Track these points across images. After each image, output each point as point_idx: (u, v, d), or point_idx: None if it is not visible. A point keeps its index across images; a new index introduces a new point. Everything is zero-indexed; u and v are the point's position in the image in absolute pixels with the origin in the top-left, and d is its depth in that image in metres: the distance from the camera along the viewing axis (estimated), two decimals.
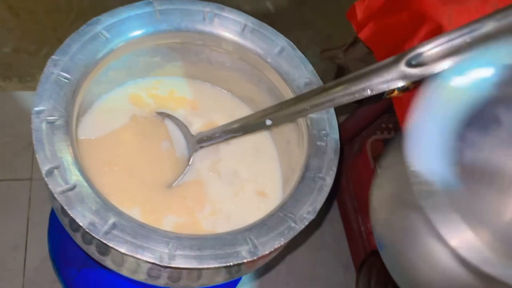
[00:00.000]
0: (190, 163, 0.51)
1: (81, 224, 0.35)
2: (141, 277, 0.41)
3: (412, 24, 0.56)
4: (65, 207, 0.35)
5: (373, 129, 1.01)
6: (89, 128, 0.50)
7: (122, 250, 0.34)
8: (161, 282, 0.41)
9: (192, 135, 0.52)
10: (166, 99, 0.56)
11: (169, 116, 0.54)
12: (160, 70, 0.56)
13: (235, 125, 0.47)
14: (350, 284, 0.91)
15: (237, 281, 0.65)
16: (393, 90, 0.74)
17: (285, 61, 0.48)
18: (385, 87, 0.36)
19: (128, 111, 0.53)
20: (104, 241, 0.34)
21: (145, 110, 0.54)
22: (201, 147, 0.52)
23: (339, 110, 0.48)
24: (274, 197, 0.51)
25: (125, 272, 0.40)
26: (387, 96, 0.72)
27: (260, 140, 0.57)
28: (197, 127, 0.55)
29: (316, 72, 0.49)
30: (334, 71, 1.10)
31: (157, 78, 0.56)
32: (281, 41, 0.49)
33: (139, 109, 0.54)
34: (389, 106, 0.84)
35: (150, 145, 0.52)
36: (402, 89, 0.72)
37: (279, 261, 0.88)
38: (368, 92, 0.37)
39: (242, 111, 0.57)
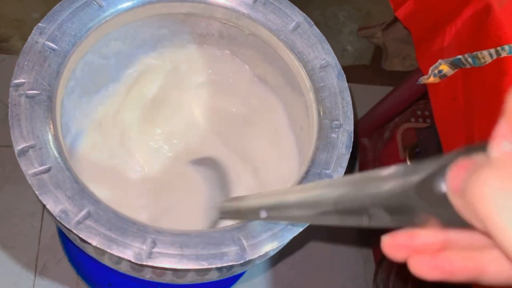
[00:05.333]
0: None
1: (51, 211, 0.31)
2: (124, 268, 0.38)
3: (455, 3, 0.49)
4: (36, 191, 0.32)
5: (407, 116, 0.94)
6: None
7: (94, 243, 0.31)
8: (145, 276, 0.38)
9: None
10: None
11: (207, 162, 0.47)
12: (169, 43, 0.51)
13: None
14: (369, 277, 0.87)
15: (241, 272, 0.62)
16: (429, 75, 0.67)
17: (300, 38, 0.43)
18: None
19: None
20: (75, 232, 0.31)
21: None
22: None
23: (371, 93, 0.41)
24: None
25: (107, 262, 0.37)
26: (422, 82, 0.66)
27: (280, 126, 0.52)
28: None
29: (353, 52, 0.43)
30: (372, 51, 1.03)
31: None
32: (297, 16, 0.44)
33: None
34: (424, 93, 0.77)
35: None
36: (440, 75, 0.65)
37: (296, 247, 0.85)
38: None
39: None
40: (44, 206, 0.32)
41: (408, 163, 0.85)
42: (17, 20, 0.78)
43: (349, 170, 0.38)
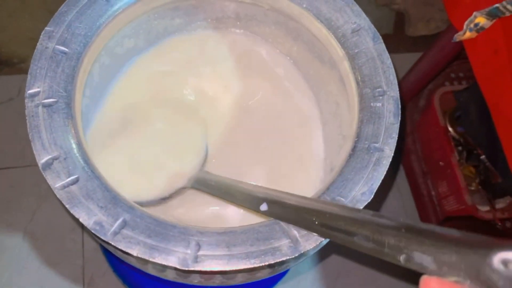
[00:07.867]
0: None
1: (85, 224, 0.29)
2: (170, 276, 0.35)
3: None
4: (66, 205, 0.29)
5: (440, 80, 0.89)
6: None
7: (134, 253, 0.28)
8: (193, 281, 0.35)
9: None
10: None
11: None
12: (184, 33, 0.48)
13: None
14: None
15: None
16: (465, 31, 0.62)
17: (325, 4, 0.39)
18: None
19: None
20: (113, 244, 0.29)
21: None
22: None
23: (398, 62, 0.37)
24: (314, 174, 0.43)
25: (151, 271, 0.35)
26: (458, 40, 0.61)
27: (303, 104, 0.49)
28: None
29: (373, 22, 0.38)
30: (393, 20, 0.98)
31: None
32: None
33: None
34: (458, 52, 0.72)
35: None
36: (476, 29, 0.59)
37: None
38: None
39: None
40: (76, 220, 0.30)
41: (450, 129, 0.80)
42: (32, 38, 0.77)
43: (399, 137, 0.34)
